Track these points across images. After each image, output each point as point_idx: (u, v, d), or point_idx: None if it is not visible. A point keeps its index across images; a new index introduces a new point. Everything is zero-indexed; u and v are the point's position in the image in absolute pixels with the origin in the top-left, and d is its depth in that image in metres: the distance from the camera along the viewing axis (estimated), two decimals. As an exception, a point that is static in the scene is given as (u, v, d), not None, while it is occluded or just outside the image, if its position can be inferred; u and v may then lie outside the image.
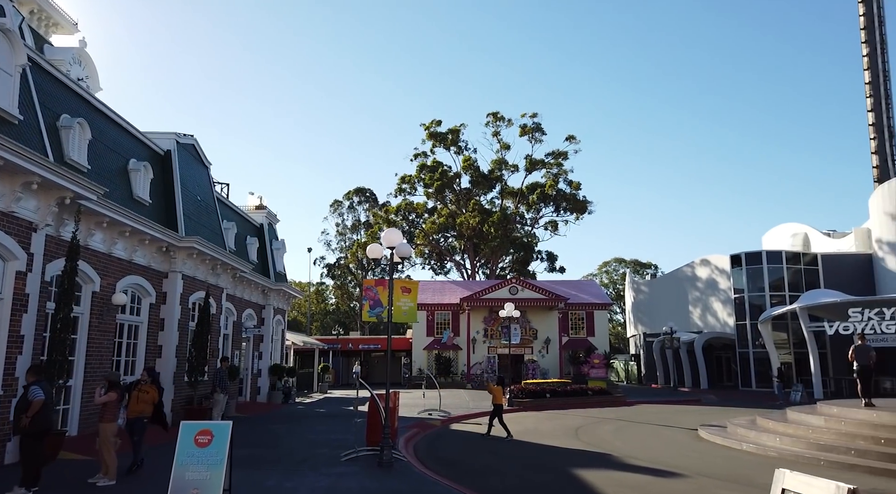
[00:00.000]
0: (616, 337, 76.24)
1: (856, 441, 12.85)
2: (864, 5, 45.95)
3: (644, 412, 24.52)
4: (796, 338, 34.88)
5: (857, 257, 38.82)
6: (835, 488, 4.11)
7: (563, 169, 57.77)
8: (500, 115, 58.83)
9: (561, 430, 17.90)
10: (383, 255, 12.84)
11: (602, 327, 43.83)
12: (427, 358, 42.44)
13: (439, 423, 19.09)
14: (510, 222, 57.30)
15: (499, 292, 41.64)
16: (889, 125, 45.72)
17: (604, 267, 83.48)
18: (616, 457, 13.21)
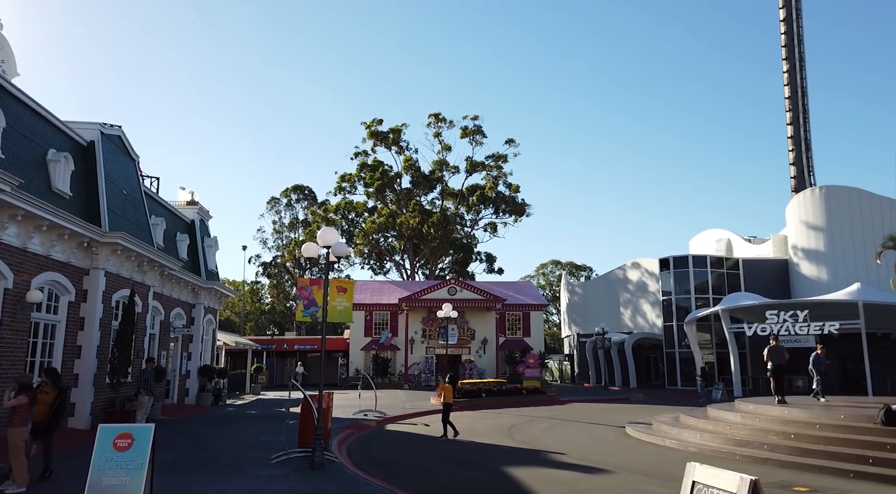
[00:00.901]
0: (551, 338, 77.84)
1: (769, 437, 13.61)
2: (786, 24, 48.79)
3: (576, 410, 25.17)
4: (718, 339, 36.62)
5: (775, 262, 41.13)
6: (738, 479, 4.36)
7: (502, 171, 58.60)
8: (441, 117, 59.12)
9: (495, 429, 18.15)
10: (320, 254, 12.68)
11: (538, 328, 44.72)
12: (365, 359, 42.12)
13: (374, 424, 19.00)
14: (450, 223, 57.63)
15: (438, 293, 41.81)
16: (806, 138, 48.68)
17: (541, 269, 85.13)
18: (547, 455, 13.52)
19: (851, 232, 36.65)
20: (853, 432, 12.58)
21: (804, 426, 13.58)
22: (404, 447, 14.89)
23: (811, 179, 47.52)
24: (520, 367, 37.85)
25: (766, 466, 11.84)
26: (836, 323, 29.20)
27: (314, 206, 64.31)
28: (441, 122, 59.15)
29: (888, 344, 31.84)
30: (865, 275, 32.60)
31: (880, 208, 36.43)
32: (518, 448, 14.43)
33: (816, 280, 37.59)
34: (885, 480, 10.36)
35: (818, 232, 38.32)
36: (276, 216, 67.92)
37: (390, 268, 63.21)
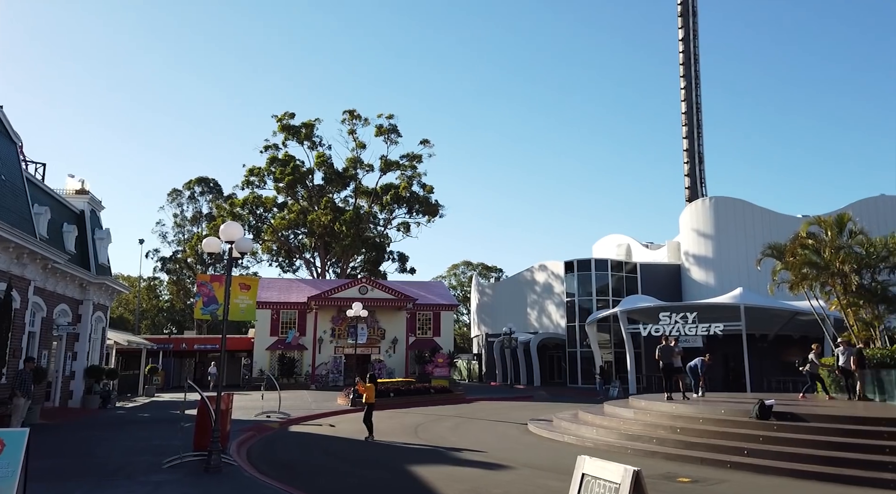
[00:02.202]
0: (461, 338, 78.86)
1: (657, 431, 14.45)
2: (683, 43, 52.13)
3: (482, 408, 25.64)
4: (617, 339, 38.51)
5: (669, 267, 43.79)
6: (623, 470, 4.61)
7: (417, 171, 58.74)
8: (356, 114, 58.48)
9: (401, 428, 18.16)
10: (223, 250, 12.18)
11: (448, 327, 45.20)
12: (270, 359, 40.89)
13: (278, 425, 18.49)
14: (363, 221, 57.09)
15: (348, 291, 41.30)
16: (699, 151, 52.20)
17: (453, 269, 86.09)
18: (451, 453, 13.68)
19: (736, 240, 39.66)
20: (731, 425, 13.61)
21: (689, 420, 14.53)
22: (308, 448, 14.58)
23: (703, 190, 50.96)
24: (429, 367, 38.11)
25: (654, 459, 12.56)
26: (720, 325, 31.50)
27: (220, 200, 61.73)
28: (356, 119, 58.51)
29: (765, 345, 34.70)
30: (748, 281, 35.37)
31: (762, 219, 39.67)
32: (423, 447, 14.51)
33: (705, 284, 40.37)
34: (758, 469, 11.27)
35: (707, 239, 41.17)
36: (177, 209, 64.66)
37: (300, 266, 61.81)
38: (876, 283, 20.33)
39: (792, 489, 10.00)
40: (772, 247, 22.92)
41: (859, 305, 20.17)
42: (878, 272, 20.58)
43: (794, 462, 11.26)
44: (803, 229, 22.31)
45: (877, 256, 20.42)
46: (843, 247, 20.64)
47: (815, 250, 20.97)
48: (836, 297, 20.84)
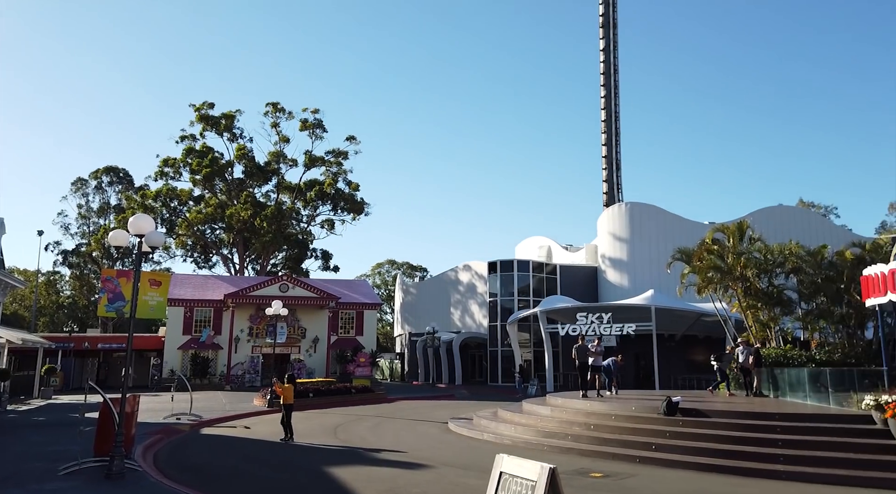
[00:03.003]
0: (384, 337, 78.47)
1: (573, 428, 14.89)
2: (604, 54, 54.14)
3: (403, 408, 25.57)
4: (536, 338, 39.45)
5: (587, 269, 45.33)
6: (539, 468, 4.70)
7: (342, 168, 57.90)
8: (280, 107, 56.94)
9: (320, 429, 17.81)
10: (130, 243, 11.49)
11: (371, 326, 44.80)
12: (182, 359, 39.09)
13: (188, 428, 17.68)
14: (285, 218, 55.65)
15: (268, 289, 40.13)
16: (617, 158, 54.32)
17: (377, 268, 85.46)
18: (370, 453, 13.54)
19: (649, 244, 41.57)
20: (641, 422, 14.22)
21: (602, 417, 15.07)
22: (220, 451, 14.03)
23: (619, 195, 53.06)
24: (350, 366, 37.63)
25: (569, 455, 12.93)
26: (633, 325, 32.92)
27: (130, 191, 58.45)
28: (280, 112, 56.97)
29: (673, 344, 36.54)
30: (659, 283, 37.13)
31: (673, 224, 41.77)
32: (342, 448, 14.29)
33: (620, 286, 42.06)
34: (664, 463, 11.83)
35: (623, 242, 42.92)
36: (82, 199, 60.75)
37: (217, 262, 59.50)
38: (773, 287, 21.86)
39: (694, 481, 10.56)
40: (681, 251, 24.19)
41: (758, 307, 21.60)
42: (774, 276, 22.13)
43: (697, 456, 11.90)
44: (709, 235, 23.67)
45: (774, 262, 21.96)
46: (744, 253, 22.07)
47: (719, 255, 22.30)
48: (737, 300, 22.23)
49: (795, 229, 37.17)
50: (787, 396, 16.74)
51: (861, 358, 18.98)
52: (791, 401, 16.04)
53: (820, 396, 14.77)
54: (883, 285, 16.18)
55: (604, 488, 9.99)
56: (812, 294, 21.43)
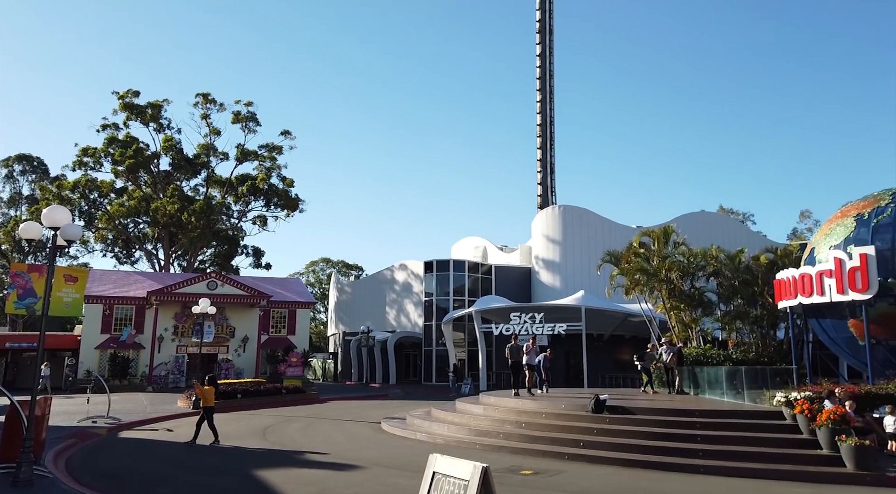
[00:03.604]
0: (318, 336, 77.16)
1: (504, 426, 15.10)
2: (540, 59, 55.22)
3: (335, 408, 25.22)
4: (471, 337, 39.80)
5: (521, 270, 46.10)
6: (472, 467, 4.71)
7: (276, 163, 56.45)
8: (211, 98, 54.92)
9: (248, 431, 17.30)
10: (44, 236, 10.80)
11: (304, 326, 43.93)
12: (100, 359, 37.08)
13: (105, 431, 16.78)
14: (215, 213, 53.76)
15: (195, 286, 38.61)
16: (551, 162, 55.53)
17: (311, 266, 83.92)
18: (300, 454, 13.27)
19: (581, 246, 42.72)
20: (570, 419, 14.57)
21: (533, 415, 15.35)
22: (140, 455, 13.39)
23: (553, 198, 54.26)
24: (282, 366, 36.78)
25: (500, 453, 13.10)
26: (564, 325, 33.75)
27: (45, 181, 54.96)
28: (210, 104, 54.93)
29: (601, 343, 37.71)
30: (589, 284, 38.20)
31: (604, 227, 43.10)
32: (271, 450, 13.93)
33: (552, 286, 43.01)
34: (592, 460, 12.17)
35: (555, 244, 43.93)
36: (-9, 188, 56.62)
37: (140, 258, 56.81)
38: (695, 289, 22.92)
39: (619, 476, 10.91)
40: (610, 254, 25.00)
41: (680, 308, 22.59)
42: (696, 279, 23.21)
43: (622, 452, 12.31)
44: (636, 239, 24.57)
45: (696, 265, 23.03)
46: (669, 257, 23.04)
47: (646, 258, 23.19)
48: (661, 301, 23.17)
49: (716, 234, 39.09)
50: (706, 393, 17.56)
51: (773, 358, 20.16)
52: (710, 398, 16.84)
53: (736, 393, 15.58)
54: (793, 288, 17.25)
55: (533, 485, 10.17)
56: (730, 296, 22.59)
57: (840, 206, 18.89)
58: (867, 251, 15.49)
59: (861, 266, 15.29)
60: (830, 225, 18.20)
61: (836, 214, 18.65)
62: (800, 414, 12.12)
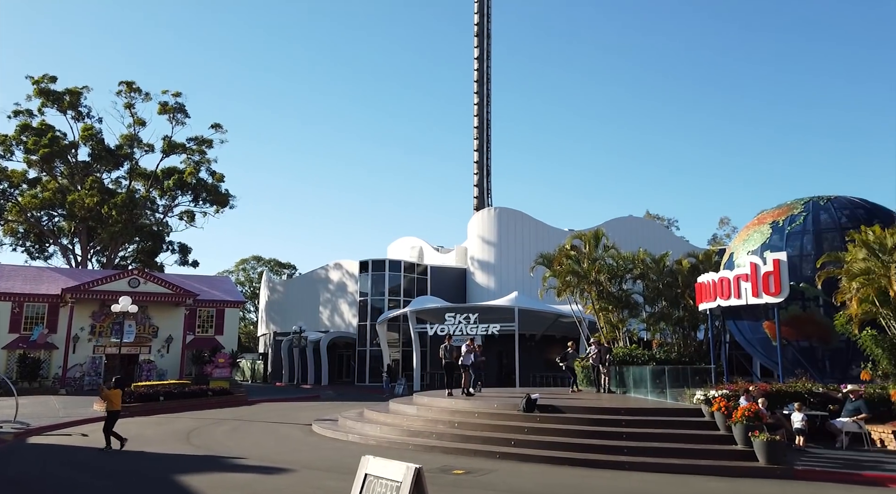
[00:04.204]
0: (247, 336, 75.00)
1: (437, 427, 15.12)
2: (478, 62, 55.88)
3: (264, 410, 24.58)
4: (405, 338, 39.71)
5: (457, 270, 46.42)
6: (405, 468, 4.68)
7: (206, 157, 54.48)
8: (136, 86, 52.40)
9: (171, 435, 16.59)
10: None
11: (232, 325, 42.60)
12: (7, 360, 34.66)
13: (12, 437, 15.68)
14: (138, 207, 51.31)
15: (115, 284, 36.69)
16: (488, 165, 56.24)
17: (242, 264, 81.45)
18: (227, 458, 12.83)
19: (515, 248, 43.45)
20: (502, 418, 14.76)
21: (466, 415, 15.46)
22: (52, 462, 12.57)
23: (489, 200, 54.94)
24: (208, 367, 35.52)
25: (433, 453, 13.11)
26: (498, 325, 34.22)
27: (-52, 168, 50.92)
28: (135, 93, 52.41)
29: (533, 343, 38.48)
30: (523, 286, 38.91)
31: (538, 230, 43.99)
32: (196, 455, 13.40)
33: (487, 287, 43.52)
34: (523, 458, 12.37)
35: (491, 246, 44.49)
36: None
37: (54, 253, 53.52)
38: (622, 291, 23.74)
39: (548, 474, 11.14)
40: (542, 256, 25.55)
41: (609, 310, 23.34)
42: (624, 281, 24.06)
43: (552, 450, 12.57)
44: (568, 242, 25.22)
45: (624, 268, 23.87)
46: (599, 259, 23.78)
47: (577, 260, 23.83)
48: (591, 302, 23.87)
49: (643, 238, 40.60)
50: (632, 392, 18.20)
51: (694, 357, 21.15)
52: (635, 397, 17.46)
53: (660, 392, 16.22)
54: (713, 291, 18.16)
55: (464, 484, 10.23)
56: (655, 298, 23.55)
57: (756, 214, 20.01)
58: (780, 257, 16.49)
59: (774, 271, 16.26)
60: (748, 231, 19.28)
61: (753, 221, 19.77)
62: (717, 412, 12.74)
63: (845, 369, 17.10)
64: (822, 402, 14.06)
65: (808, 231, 17.54)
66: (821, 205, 18.09)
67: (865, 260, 14.14)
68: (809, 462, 11.55)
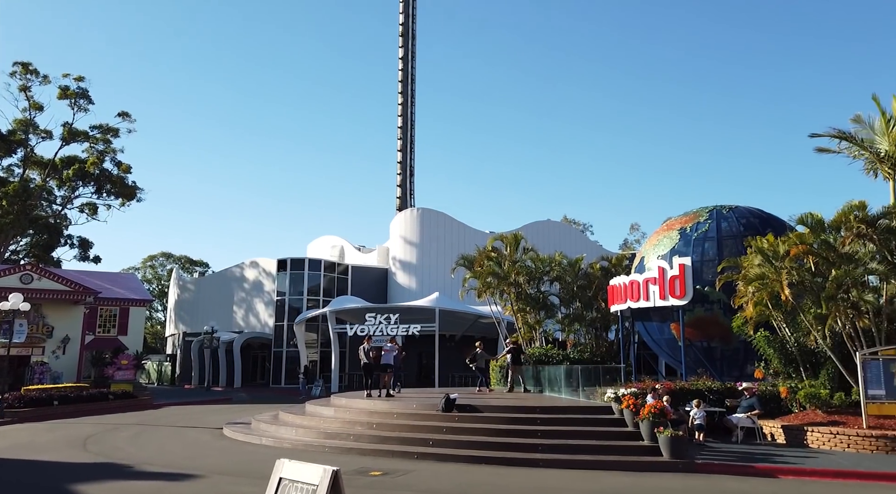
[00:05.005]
0: (154, 337, 71.21)
1: (355, 428, 14.92)
2: (403, 62, 55.84)
3: (171, 414, 23.40)
4: (324, 338, 38.99)
5: (378, 270, 46.09)
6: (322, 471, 4.56)
7: (111, 147, 51.13)
8: (32, 68, 48.44)
9: (66, 441, 15.44)
10: None
11: (138, 325, 40.33)
12: None
13: None
14: (33, 197, 47.52)
15: (5, 280, 33.77)
16: (411, 165, 56.24)
17: (149, 260, 77.28)
18: (129, 466, 12.09)
19: (437, 248, 43.66)
20: (421, 419, 14.76)
21: (385, 416, 15.35)
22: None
23: (412, 201, 54.96)
24: (109, 369, 33.39)
25: (350, 455, 12.91)
26: (418, 326, 34.26)
27: None
28: (32, 74, 48.48)
29: (452, 344, 38.79)
30: (444, 286, 39.14)
31: (460, 231, 44.41)
32: (93, 463, 12.53)
33: (408, 288, 43.47)
34: (441, 458, 12.41)
35: (413, 246, 44.49)
36: None
37: (-67, 246, 48.65)
38: (540, 293, 24.38)
39: (465, 474, 11.23)
40: (464, 257, 25.84)
41: (527, 311, 23.91)
42: (542, 283, 24.71)
43: (470, 449, 12.69)
44: (489, 244, 25.64)
45: (542, 270, 24.52)
46: (518, 261, 24.31)
47: (497, 262, 24.26)
48: (510, 304, 24.36)
49: (560, 242, 41.95)
50: (547, 391, 18.70)
51: (605, 357, 22.03)
52: (550, 396, 17.95)
53: (573, 390, 16.76)
54: (623, 294, 18.99)
55: (381, 486, 10.14)
56: (570, 299, 24.34)
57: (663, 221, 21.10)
58: (685, 262, 17.45)
59: (680, 275, 17.20)
60: (658, 236, 20.29)
61: (663, 227, 20.83)
62: (626, 409, 13.30)
63: (742, 368, 18.34)
64: (720, 399, 15.01)
65: (711, 238, 18.70)
66: (723, 214, 19.33)
67: (760, 266, 15.20)
68: (708, 456, 12.28)
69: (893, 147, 16.28)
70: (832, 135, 17.40)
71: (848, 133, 17.19)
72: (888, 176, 16.52)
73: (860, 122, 17.16)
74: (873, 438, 12.58)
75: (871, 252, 14.55)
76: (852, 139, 17.08)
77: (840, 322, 14.18)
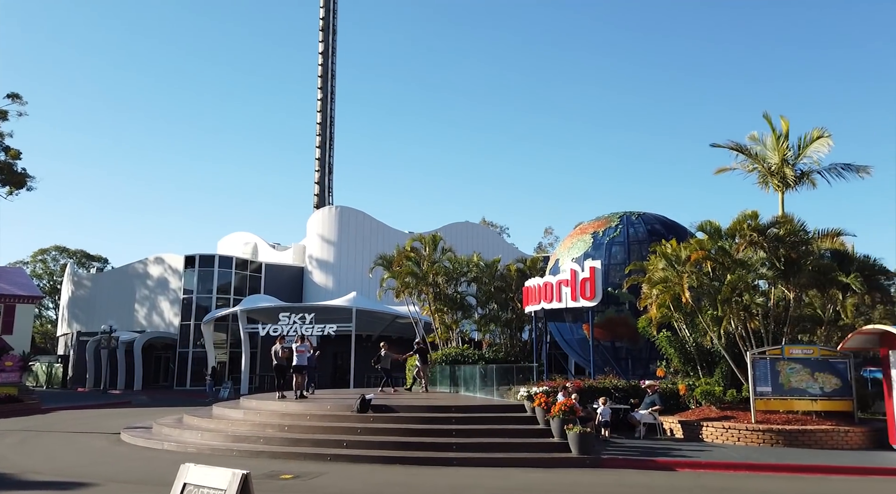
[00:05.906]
0: (43, 336, 66.01)
1: (266, 430, 14.46)
2: (323, 57, 54.84)
3: (62, 419, 21.77)
4: (234, 339, 37.57)
5: (294, 269, 44.95)
6: (230, 475, 4.37)
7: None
8: (-90, 37, 43.80)
9: (-63, 452, 14.00)
10: None
11: (25, 324, 37.19)
12: None
13: None
14: None
15: None
16: (330, 162, 55.28)
17: (41, 254, 71.52)
18: (12, 475, 11.11)
19: (355, 247, 43.15)
20: (336, 420, 14.52)
21: (297, 418, 14.97)
22: None
23: (330, 199, 54.03)
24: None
25: (259, 458, 12.49)
26: (335, 326, 33.70)
27: None
28: None
29: (369, 344, 38.42)
30: (362, 286, 38.69)
31: (378, 231, 44.09)
32: (-30, 474, 11.43)
33: (325, 287, 42.68)
34: (355, 459, 12.25)
35: (330, 245, 43.73)
36: None
37: None
38: (457, 294, 24.62)
39: (378, 474, 11.14)
40: (382, 257, 25.68)
41: (444, 311, 24.06)
42: (459, 284, 24.96)
43: (384, 450, 12.62)
44: (408, 244, 25.62)
45: (460, 271, 24.77)
46: (437, 262, 24.44)
47: (416, 262, 24.28)
48: (428, 304, 24.43)
49: (478, 243, 42.57)
50: (462, 390, 18.90)
51: (519, 357, 22.53)
52: (466, 395, 18.15)
53: (488, 390, 17.03)
54: (538, 295, 19.51)
55: (292, 489, 9.88)
56: (487, 300, 24.73)
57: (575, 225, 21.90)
58: (595, 265, 18.16)
59: (590, 277, 17.87)
60: (573, 239, 21.00)
61: (576, 230, 21.58)
62: (538, 407, 13.67)
63: (646, 367, 19.30)
64: (626, 397, 15.73)
65: (620, 242, 19.58)
66: (632, 220, 20.30)
67: (664, 270, 16.07)
68: (613, 451, 12.83)
69: (781, 162, 17.72)
70: (731, 147, 18.72)
71: (744, 146, 18.53)
72: (777, 188, 17.93)
73: (755, 140, 18.58)
74: (760, 432, 13.59)
75: (761, 258, 15.73)
76: (748, 152, 18.42)
77: (733, 323, 15.22)
